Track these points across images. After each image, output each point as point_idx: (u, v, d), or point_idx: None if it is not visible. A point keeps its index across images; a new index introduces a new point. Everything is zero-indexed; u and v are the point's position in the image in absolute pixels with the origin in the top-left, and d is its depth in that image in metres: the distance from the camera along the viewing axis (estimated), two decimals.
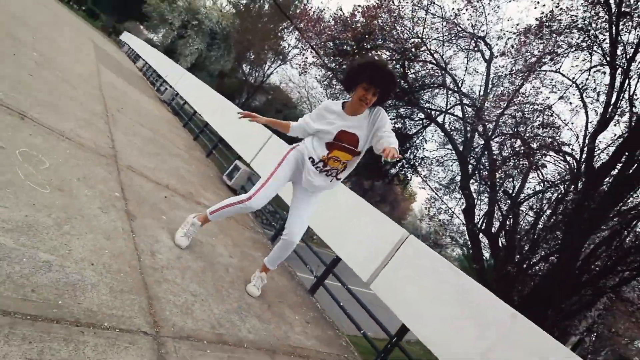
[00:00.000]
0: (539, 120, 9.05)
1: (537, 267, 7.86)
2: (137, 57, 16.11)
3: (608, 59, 7.23)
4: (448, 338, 2.35)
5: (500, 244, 8.33)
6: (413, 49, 8.40)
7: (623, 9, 6.70)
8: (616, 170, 6.42)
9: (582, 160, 7.39)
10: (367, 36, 7.78)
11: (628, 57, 6.90)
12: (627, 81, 6.95)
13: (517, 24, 9.56)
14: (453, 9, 8.30)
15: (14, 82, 2.66)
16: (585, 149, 7.27)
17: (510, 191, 9.35)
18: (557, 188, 8.54)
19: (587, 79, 8.19)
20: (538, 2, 8.11)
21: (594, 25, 7.59)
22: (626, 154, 6.35)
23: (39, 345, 0.98)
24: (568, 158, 8.65)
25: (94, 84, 4.90)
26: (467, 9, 8.76)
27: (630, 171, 6.33)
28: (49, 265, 1.29)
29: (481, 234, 8.65)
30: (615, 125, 7.30)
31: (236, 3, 25.94)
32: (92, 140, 2.73)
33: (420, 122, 10.23)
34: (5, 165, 1.64)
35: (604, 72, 7.67)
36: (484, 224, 8.53)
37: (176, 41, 20.83)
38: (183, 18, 20.23)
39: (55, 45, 5.48)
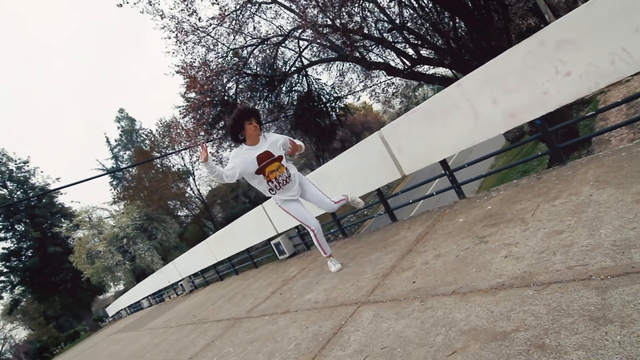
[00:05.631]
0: None
1: (457, 28, 8.64)
2: (135, 306, 16.64)
3: None
4: (459, 135, 3.17)
5: (430, 48, 9.26)
6: (237, 60, 9.27)
7: None
8: None
9: None
10: (210, 93, 8.61)
11: None
12: None
13: None
14: (213, 17, 8.78)
15: None
16: None
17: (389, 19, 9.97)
18: None
19: None
20: None
21: None
22: None
23: None
24: None
25: (186, 329, 5.61)
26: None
27: None
28: None
29: (417, 65, 9.54)
30: None
31: (121, 197, 26.36)
32: (219, 329, 3.50)
33: (299, 78, 11.12)
34: None
35: None
36: (412, 65, 9.45)
37: (134, 263, 21.32)
38: (118, 249, 20.72)
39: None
